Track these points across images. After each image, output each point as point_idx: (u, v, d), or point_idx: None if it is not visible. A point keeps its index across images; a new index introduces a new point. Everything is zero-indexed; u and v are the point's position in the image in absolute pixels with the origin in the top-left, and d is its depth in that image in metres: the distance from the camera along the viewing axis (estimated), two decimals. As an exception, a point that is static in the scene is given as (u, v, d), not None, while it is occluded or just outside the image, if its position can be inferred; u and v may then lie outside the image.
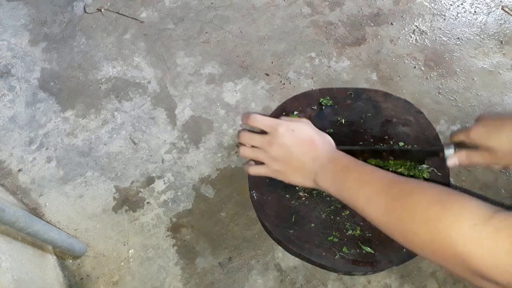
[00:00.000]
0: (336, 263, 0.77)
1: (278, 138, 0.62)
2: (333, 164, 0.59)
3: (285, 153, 0.62)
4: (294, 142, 0.62)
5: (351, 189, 0.56)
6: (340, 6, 1.44)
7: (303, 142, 0.62)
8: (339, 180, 0.57)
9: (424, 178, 0.85)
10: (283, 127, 0.62)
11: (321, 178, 0.60)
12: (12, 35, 1.46)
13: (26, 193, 1.12)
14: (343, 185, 0.57)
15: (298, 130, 0.63)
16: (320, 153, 0.61)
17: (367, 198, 0.53)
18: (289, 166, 0.63)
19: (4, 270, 0.78)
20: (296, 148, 0.62)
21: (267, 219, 0.83)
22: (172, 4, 1.50)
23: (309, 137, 0.62)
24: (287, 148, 0.62)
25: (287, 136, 0.62)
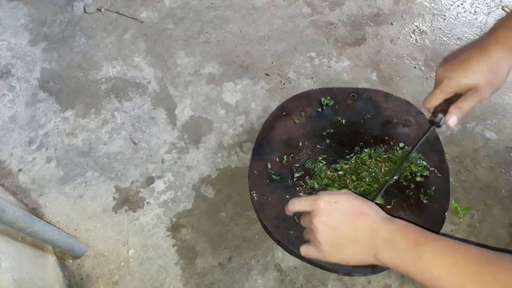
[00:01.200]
0: (336, 264, 0.77)
1: (321, 215, 0.54)
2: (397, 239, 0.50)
3: (334, 233, 0.54)
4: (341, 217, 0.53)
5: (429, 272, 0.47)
6: (340, 6, 1.44)
7: (351, 215, 0.53)
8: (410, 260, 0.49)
9: (422, 175, 0.85)
10: (323, 200, 0.55)
11: (386, 256, 0.51)
12: (12, 35, 1.46)
13: (26, 193, 1.12)
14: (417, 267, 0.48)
15: (342, 202, 0.54)
16: (376, 225, 0.52)
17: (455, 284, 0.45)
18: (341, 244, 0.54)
19: (4, 270, 0.78)
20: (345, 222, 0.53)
21: (267, 220, 0.83)
22: (172, 4, 1.50)
23: (357, 207, 0.54)
24: (334, 226, 0.53)
25: (331, 211, 0.54)
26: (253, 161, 0.91)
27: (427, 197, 0.83)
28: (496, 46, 0.60)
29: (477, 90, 0.62)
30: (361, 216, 0.53)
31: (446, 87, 0.64)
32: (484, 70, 0.60)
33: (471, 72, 0.61)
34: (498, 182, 1.03)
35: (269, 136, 0.94)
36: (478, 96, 0.63)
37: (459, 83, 0.63)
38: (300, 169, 0.88)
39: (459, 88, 0.64)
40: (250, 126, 1.18)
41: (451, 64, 0.64)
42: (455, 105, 0.66)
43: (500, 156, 1.07)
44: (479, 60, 0.60)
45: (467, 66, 0.61)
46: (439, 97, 0.67)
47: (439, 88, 0.66)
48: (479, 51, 0.61)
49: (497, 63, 0.60)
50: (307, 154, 0.91)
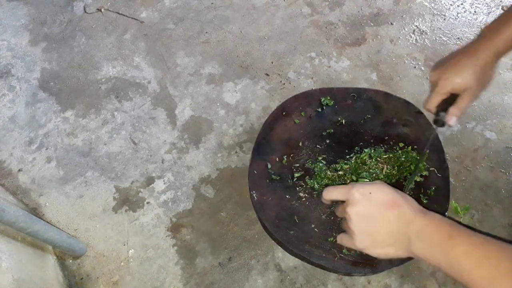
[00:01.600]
0: (336, 264, 0.77)
1: (355, 205, 0.55)
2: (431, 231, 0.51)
3: (367, 223, 0.54)
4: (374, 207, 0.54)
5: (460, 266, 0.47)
6: (340, 6, 1.44)
7: (385, 206, 0.54)
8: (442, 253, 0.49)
9: (421, 176, 0.85)
10: (358, 191, 0.55)
11: (418, 248, 0.51)
12: (12, 35, 1.46)
13: (26, 193, 1.12)
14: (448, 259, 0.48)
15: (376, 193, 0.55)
16: (409, 216, 0.53)
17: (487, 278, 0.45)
18: (375, 234, 0.55)
19: (4, 270, 0.78)
20: (379, 213, 0.54)
21: (267, 220, 0.83)
22: (172, 4, 1.50)
23: (390, 198, 0.54)
24: (368, 216, 0.54)
25: (365, 202, 0.54)
26: (253, 161, 0.91)
27: (427, 197, 0.83)
28: (484, 51, 0.67)
29: (470, 89, 0.69)
30: (395, 207, 0.54)
31: (442, 88, 0.70)
32: (475, 71, 0.67)
33: (463, 74, 0.68)
34: (498, 182, 1.03)
35: (269, 136, 0.94)
36: (471, 95, 0.70)
37: (453, 84, 0.69)
38: (300, 169, 0.88)
39: (454, 88, 0.70)
40: (250, 126, 1.18)
41: (444, 67, 0.70)
42: (454, 106, 0.71)
43: (500, 156, 1.07)
44: (470, 63, 0.67)
45: (459, 69, 0.68)
46: (437, 98, 0.73)
47: (436, 90, 0.72)
48: (469, 55, 0.68)
49: (486, 65, 0.67)
50: (307, 154, 0.91)
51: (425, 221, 0.52)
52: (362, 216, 0.55)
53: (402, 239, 0.53)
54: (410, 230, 0.52)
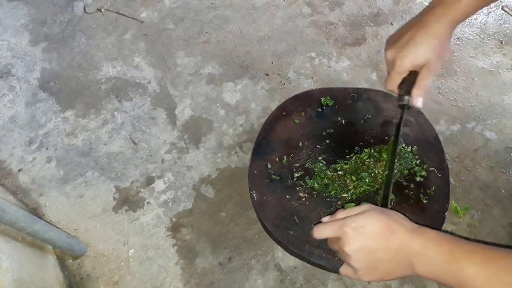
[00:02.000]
0: (336, 264, 0.77)
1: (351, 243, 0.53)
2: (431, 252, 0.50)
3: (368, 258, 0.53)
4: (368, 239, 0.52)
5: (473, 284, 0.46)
6: (340, 6, 1.44)
7: (383, 236, 0.52)
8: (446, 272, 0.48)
9: (421, 176, 0.85)
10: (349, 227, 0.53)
11: (423, 269, 0.51)
12: (12, 35, 1.46)
13: (26, 193, 1.12)
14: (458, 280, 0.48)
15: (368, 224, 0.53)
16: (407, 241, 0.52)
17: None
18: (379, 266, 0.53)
19: (4, 270, 0.78)
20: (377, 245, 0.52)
21: (267, 220, 0.83)
22: (172, 4, 1.50)
23: (385, 226, 0.53)
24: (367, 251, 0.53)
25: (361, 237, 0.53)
26: (253, 161, 0.91)
27: (427, 197, 0.83)
28: (436, 22, 0.63)
29: (429, 64, 0.66)
30: (391, 235, 0.52)
31: (400, 67, 0.67)
32: (431, 45, 0.64)
33: (420, 49, 0.64)
34: (498, 182, 1.03)
35: (269, 136, 0.94)
36: (432, 70, 0.67)
37: (412, 61, 0.66)
38: (300, 169, 0.89)
39: (413, 65, 0.67)
40: (250, 126, 1.18)
41: (398, 45, 0.67)
42: (416, 87, 0.70)
43: (500, 156, 1.08)
44: (425, 37, 0.64)
45: (414, 44, 0.65)
46: (396, 78, 0.70)
47: (394, 70, 0.69)
48: (421, 29, 0.64)
49: (441, 37, 0.64)
50: (307, 154, 0.91)
51: (422, 242, 0.51)
52: (361, 252, 0.53)
53: (404, 264, 0.52)
54: (410, 254, 0.51)
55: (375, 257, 0.53)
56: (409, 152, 0.88)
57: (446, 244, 0.50)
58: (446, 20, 0.63)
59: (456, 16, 0.63)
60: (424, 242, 0.51)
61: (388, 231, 0.52)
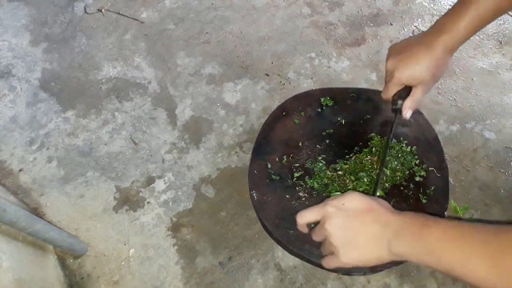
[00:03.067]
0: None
1: (331, 218, 0.55)
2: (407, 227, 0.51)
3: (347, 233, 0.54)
4: (349, 216, 0.54)
5: (437, 251, 0.47)
6: (340, 7, 1.44)
7: (360, 213, 0.54)
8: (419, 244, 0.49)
9: (420, 176, 0.85)
10: (331, 204, 0.55)
11: (398, 247, 0.51)
12: (13, 35, 1.46)
13: (27, 193, 1.12)
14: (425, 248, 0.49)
15: (348, 202, 0.55)
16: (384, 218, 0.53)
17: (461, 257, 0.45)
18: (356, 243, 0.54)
19: (4, 270, 0.79)
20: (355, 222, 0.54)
21: (267, 220, 0.83)
22: (172, 4, 1.51)
23: (365, 204, 0.55)
24: (346, 226, 0.54)
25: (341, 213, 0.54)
26: (253, 161, 0.91)
27: (426, 197, 0.83)
28: (440, 45, 0.69)
29: (424, 83, 0.72)
30: (370, 212, 0.54)
31: (398, 80, 0.74)
32: (429, 66, 0.70)
33: (418, 68, 0.70)
34: (497, 182, 1.04)
35: (269, 136, 0.94)
36: (425, 88, 0.74)
37: (409, 77, 0.72)
38: (300, 169, 0.89)
39: (409, 81, 0.73)
40: (250, 126, 1.19)
41: (400, 58, 0.73)
42: (408, 99, 0.76)
43: (499, 156, 1.08)
44: (425, 58, 0.70)
45: (415, 62, 0.70)
46: (393, 89, 0.77)
47: (392, 81, 0.75)
48: (425, 49, 0.70)
49: (440, 60, 0.70)
50: (307, 154, 0.91)
51: (401, 219, 0.53)
52: (341, 227, 0.54)
53: (382, 241, 0.53)
54: (387, 231, 0.52)
55: (354, 233, 0.54)
56: (408, 152, 0.88)
57: (420, 218, 0.51)
58: (448, 44, 0.69)
59: (456, 41, 0.69)
60: (401, 219, 0.53)
61: (368, 208, 0.55)
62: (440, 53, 0.69)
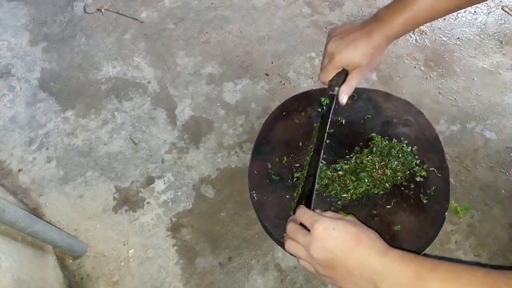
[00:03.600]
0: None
1: (317, 238, 0.54)
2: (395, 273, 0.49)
3: (328, 257, 0.53)
4: (335, 243, 0.53)
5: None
6: (340, 6, 1.44)
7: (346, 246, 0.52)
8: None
9: (421, 176, 0.85)
10: (322, 224, 0.54)
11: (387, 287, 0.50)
12: (12, 35, 1.46)
13: (26, 193, 1.12)
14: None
15: (340, 229, 0.54)
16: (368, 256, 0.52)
17: None
18: (336, 272, 0.53)
19: (4, 270, 0.78)
20: (340, 252, 0.52)
21: (267, 220, 0.83)
22: (172, 4, 1.50)
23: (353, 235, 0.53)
24: (328, 251, 0.53)
25: (327, 237, 0.53)
26: (253, 161, 0.91)
27: (427, 197, 0.83)
28: (378, 34, 0.72)
29: (360, 68, 0.75)
30: (356, 247, 0.52)
31: (337, 62, 0.76)
32: (367, 52, 0.73)
33: (358, 53, 0.73)
34: (498, 182, 1.03)
35: (269, 136, 0.94)
36: (360, 74, 0.77)
37: (348, 60, 0.75)
38: (300, 169, 0.88)
39: (347, 64, 0.76)
40: (250, 126, 1.18)
41: (341, 42, 0.75)
42: (344, 84, 0.79)
43: (500, 156, 1.08)
44: (364, 44, 0.73)
45: (355, 47, 0.73)
46: (332, 71, 0.79)
47: (331, 63, 0.77)
48: (365, 36, 0.73)
49: (377, 49, 0.73)
50: (307, 154, 0.91)
51: (386, 261, 0.51)
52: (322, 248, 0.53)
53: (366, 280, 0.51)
54: (372, 273, 0.51)
55: (335, 261, 0.53)
56: (409, 152, 0.88)
57: (410, 264, 0.49)
58: (385, 35, 0.72)
59: (394, 32, 0.72)
60: (387, 262, 0.50)
61: (355, 242, 0.53)
62: (377, 42, 0.72)
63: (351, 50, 0.74)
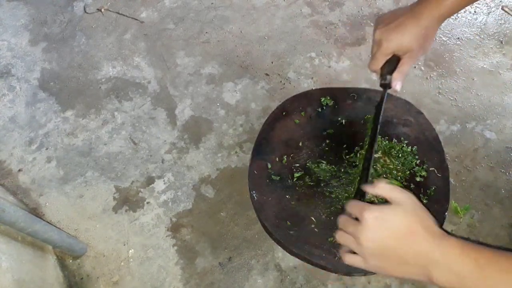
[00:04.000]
0: (336, 264, 0.77)
1: (366, 230, 0.52)
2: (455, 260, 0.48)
3: (379, 248, 0.51)
4: (387, 234, 0.51)
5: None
6: (340, 6, 1.44)
7: (399, 235, 0.50)
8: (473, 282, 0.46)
9: (421, 176, 0.85)
10: (372, 213, 0.51)
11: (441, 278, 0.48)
12: (12, 35, 1.46)
13: (26, 193, 1.12)
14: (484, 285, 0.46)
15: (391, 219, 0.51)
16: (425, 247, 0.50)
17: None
18: (388, 262, 0.52)
19: (4, 270, 0.78)
20: (392, 241, 0.51)
21: (267, 220, 0.83)
22: (172, 4, 1.50)
23: (406, 226, 0.51)
24: (379, 242, 0.51)
25: (377, 228, 0.51)
26: (253, 161, 0.91)
27: (427, 197, 0.83)
28: (428, 15, 0.68)
29: (412, 52, 0.71)
30: (411, 236, 0.50)
31: (386, 49, 0.72)
32: (417, 35, 0.69)
33: (407, 37, 0.69)
34: (498, 182, 1.03)
35: (269, 136, 0.94)
36: (413, 58, 0.73)
37: (397, 45, 0.71)
38: (300, 169, 0.89)
39: (397, 50, 0.72)
40: (250, 126, 1.18)
41: (388, 28, 0.72)
42: (397, 71, 0.74)
43: (500, 156, 1.07)
44: (413, 26, 0.69)
45: (403, 31, 0.69)
46: (381, 59, 0.75)
47: (380, 51, 0.74)
48: (412, 18, 0.69)
49: (428, 29, 0.69)
50: (307, 154, 0.91)
51: (445, 250, 0.49)
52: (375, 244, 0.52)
53: (420, 269, 0.50)
54: (428, 261, 0.49)
55: (388, 254, 0.51)
56: (409, 152, 0.88)
57: (470, 252, 0.48)
58: (436, 14, 0.68)
59: (445, 11, 0.68)
60: (446, 251, 0.49)
61: (410, 232, 0.50)
62: (427, 23, 0.69)
63: (399, 34, 0.70)
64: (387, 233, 0.51)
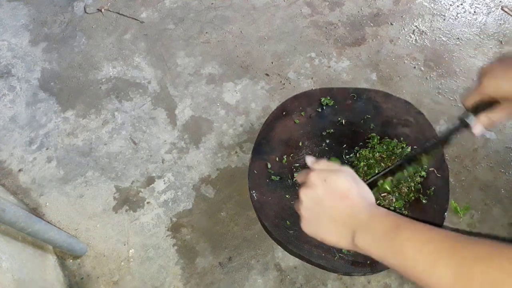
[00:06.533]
0: (335, 264, 0.77)
1: (309, 187, 0.55)
2: (376, 223, 0.50)
3: (315, 205, 0.54)
4: (325, 193, 0.54)
5: (403, 253, 0.46)
6: (340, 7, 1.44)
7: (336, 195, 0.53)
8: (386, 242, 0.48)
9: (421, 176, 0.85)
10: (315, 175, 0.55)
11: (362, 240, 0.50)
12: (12, 35, 1.46)
13: (26, 193, 1.12)
14: (391, 248, 0.47)
15: (332, 181, 0.54)
16: (356, 209, 0.52)
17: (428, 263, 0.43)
18: (320, 220, 0.55)
19: (4, 270, 0.78)
20: (327, 201, 0.54)
21: (267, 220, 0.83)
22: (172, 4, 1.51)
23: (344, 189, 0.54)
24: (317, 199, 0.54)
25: (318, 186, 0.54)
26: (253, 161, 0.91)
27: (427, 197, 0.83)
28: None
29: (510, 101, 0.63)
30: (345, 199, 0.53)
31: (484, 88, 0.64)
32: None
33: (507, 80, 0.61)
34: (497, 182, 1.03)
35: (269, 136, 0.94)
36: (509, 109, 0.64)
37: (495, 87, 0.63)
38: (300, 169, 0.89)
39: (495, 92, 0.63)
40: (250, 126, 1.18)
41: (494, 67, 0.64)
42: (485, 113, 0.66)
43: (499, 156, 1.08)
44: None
45: (505, 73, 0.62)
46: (475, 96, 0.66)
47: (477, 88, 0.66)
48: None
49: None
50: (307, 154, 0.91)
51: (371, 213, 0.51)
52: (311, 200, 0.55)
53: (346, 230, 0.52)
54: (354, 222, 0.52)
55: (320, 211, 0.54)
56: (409, 152, 0.88)
57: (392, 217, 0.50)
58: None
59: None
60: (372, 214, 0.51)
61: (344, 195, 0.53)
62: None
63: (501, 77, 0.62)
64: (324, 193, 0.54)
